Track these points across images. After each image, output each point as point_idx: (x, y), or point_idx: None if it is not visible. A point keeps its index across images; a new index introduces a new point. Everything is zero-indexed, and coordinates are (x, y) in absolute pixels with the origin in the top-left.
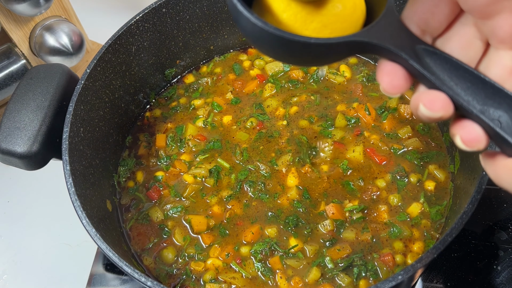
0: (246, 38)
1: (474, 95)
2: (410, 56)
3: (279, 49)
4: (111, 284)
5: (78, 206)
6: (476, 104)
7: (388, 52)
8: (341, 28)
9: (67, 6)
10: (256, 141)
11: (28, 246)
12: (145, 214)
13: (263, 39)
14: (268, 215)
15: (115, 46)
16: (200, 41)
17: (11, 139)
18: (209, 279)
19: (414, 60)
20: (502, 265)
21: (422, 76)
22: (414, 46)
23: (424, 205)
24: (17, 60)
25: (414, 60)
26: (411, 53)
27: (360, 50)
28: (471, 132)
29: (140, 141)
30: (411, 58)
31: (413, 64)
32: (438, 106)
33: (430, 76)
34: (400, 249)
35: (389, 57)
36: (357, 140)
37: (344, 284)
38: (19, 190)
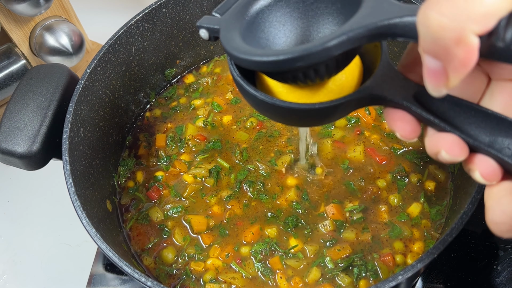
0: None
1: (480, 128)
2: (412, 103)
3: (288, 117)
4: (111, 284)
5: (78, 206)
6: (484, 137)
7: (390, 102)
8: (344, 91)
9: (67, 6)
10: (256, 140)
11: (28, 246)
12: (145, 214)
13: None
14: (267, 216)
15: (115, 46)
16: (200, 41)
17: (11, 139)
18: (209, 279)
19: (416, 106)
20: (502, 265)
21: (427, 120)
22: (414, 92)
23: (424, 205)
24: (17, 60)
25: (416, 106)
26: (412, 100)
27: (363, 104)
28: (488, 166)
29: (140, 141)
30: (413, 104)
31: (416, 110)
32: (458, 151)
33: (434, 119)
34: (400, 249)
35: (393, 105)
36: (357, 140)
37: (344, 284)
38: (19, 190)
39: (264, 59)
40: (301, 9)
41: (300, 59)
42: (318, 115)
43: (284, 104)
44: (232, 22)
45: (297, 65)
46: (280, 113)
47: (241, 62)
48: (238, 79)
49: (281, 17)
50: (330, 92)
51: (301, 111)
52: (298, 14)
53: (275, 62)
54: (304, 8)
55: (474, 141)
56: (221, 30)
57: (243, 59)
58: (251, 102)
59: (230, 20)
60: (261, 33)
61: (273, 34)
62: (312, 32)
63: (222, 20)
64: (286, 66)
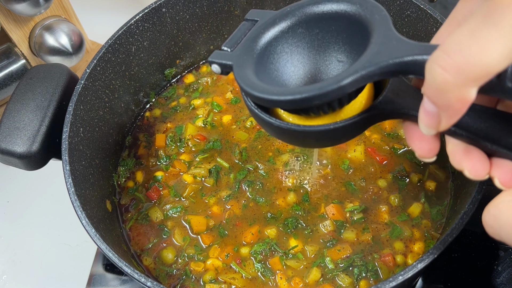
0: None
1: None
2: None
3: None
4: (111, 284)
5: (78, 206)
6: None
7: (404, 114)
8: (356, 110)
9: (67, 6)
10: (255, 140)
11: (28, 246)
12: (144, 214)
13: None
14: (267, 216)
15: (115, 46)
16: (200, 41)
17: (10, 139)
18: (209, 279)
19: None
20: (502, 265)
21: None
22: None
23: (424, 205)
24: (17, 60)
25: None
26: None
27: (378, 119)
28: (508, 171)
29: (139, 141)
30: None
31: None
32: (480, 169)
33: (454, 129)
34: (400, 249)
35: (407, 118)
36: (358, 140)
37: (345, 284)
38: (19, 190)
39: (281, 98)
40: (308, 40)
41: (316, 98)
42: (333, 136)
43: (299, 128)
44: (243, 57)
45: (313, 103)
46: (296, 137)
47: (257, 100)
48: (253, 109)
49: (289, 48)
50: (342, 113)
51: (316, 133)
52: (305, 44)
53: (291, 101)
54: (311, 38)
55: (492, 145)
56: (235, 67)
57: (260, 98)
58: (267, 128)
59: (241, 55)
60: (271, 64)
61: (282, 65)
62: (321, 62)
63: (234, 56)
64: (302, 104)
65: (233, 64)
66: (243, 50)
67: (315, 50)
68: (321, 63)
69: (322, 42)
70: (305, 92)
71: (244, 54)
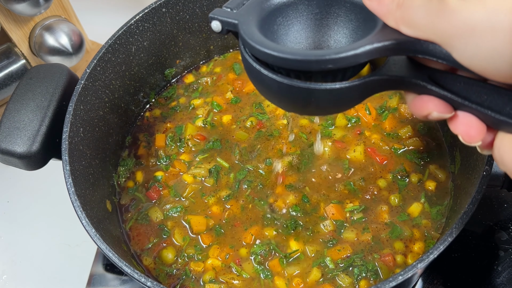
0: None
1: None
2: (427, 82)
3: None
4: (111, 284)
5: (78, 206)
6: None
7: (407, 82)
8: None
9: (67, 6)
10: (255, 140)
11: (28, 246)
12: (144, 214)
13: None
14: (267, 217)
15: (115, 46)
16: (200, 41)
17: (10, 139)
18: (208, 279)
19: (431, 85)
20: (502, 265)
21: (444, 97)
22: (428, 73)
23: (425, 205)
24: (17, 60)
25: (431, 85)
26: (427, 79)
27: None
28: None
29: (139, 141)
30: (428, 83)
31: (432, 88)
32: (474, 134)
33: (451, 96)
34: (400, 249)
35: (410, 86)
36: (357, 140)
37: (345, 284)
38: (19, 190)
39: (295, 57)
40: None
41: (331, 61)
42: (336, 98)
43: (304, 85)
44: (249, 18)
45: (326, 67)
46: (297, 97)
47: (267, 57)
48: (256, 66)
49: (292, 20)
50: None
51: (321, 92)
52: (306, 20)
53: (305, 61)
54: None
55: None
56: (241, 25)
57: (271, 55)
58: (267, 87)
59: (246, 16)
60: (275, 31)
61: (286, 32)
62: (324, 36)
63: (238, 15)
64: (314, 66)
65: (238, 22)
66: (247, 12)
67: (315, 27)
68: (321, 41)
69: (322, 21)
70: (320, 55)
71: (248, 15)
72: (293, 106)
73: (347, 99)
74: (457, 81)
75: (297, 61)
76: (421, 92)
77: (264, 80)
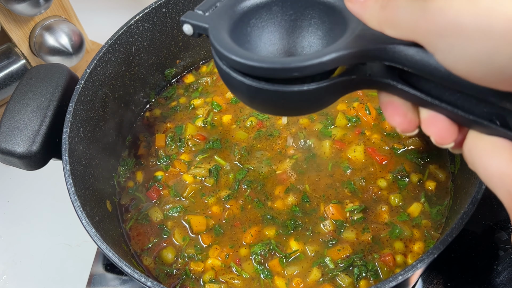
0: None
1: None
2: (398, 81)
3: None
4: (111, 284)
5: (78, 206)
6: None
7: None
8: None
9: (67, 6)
10: (255, 139)
11: (28, 246)
12: (144, 214)
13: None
14: (266, 217)
15: (115, 46)
16: (200, 41)
17: (11, 139)
18: (208, 279)
19: (402, 84)
20: (502, 265)
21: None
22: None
23: (424, 205)
24: (17, 60)
25: (402, 84)
26: (397, 78)
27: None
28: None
29: (139, 141)
30: (399, 82)
31: (403, 87)
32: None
33: (421, 95)
34: (400, 249)
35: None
36: (358, 140)
37: (345, 284)
38: (19, 190)
39: (261, 65)
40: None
41: (296, 69)
42: (307, 99)
43: (272, 88)
44: (219, 22)
45: (292, 74)
46: (268, 99)
47: (235, 64)
48: (227, 70)
49: (263, 23)
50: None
51: (289, 94)
52: (279, 23)
53: (271, 69)
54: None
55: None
56: (210, 29)
57: (239, 62)
58: (239, 90)
59: (217, 20)
60: (245, 35)
61: (256, 37)
62: (295, 42)
63: (209, 19)
64: (280, 74)
65: (209, 26)
66: (218, 15)
67: (289, 29)
68: (295, 43)
69: (296, 23)
70: (286, 63)
71: (219, 19)
72: (263, 108)
73: (318, 100)
74: (427, 80)
75: (264, 68)
76: (391, 92)
77: (234, 83)
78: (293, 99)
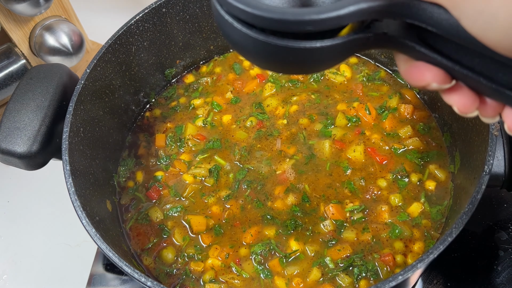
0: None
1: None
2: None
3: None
4: (111, 284)
5: (78, 206)
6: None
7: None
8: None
9: (67, 6)
10: (255, 139)
11: (28, 246)
12: (144, 214)
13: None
14: (266, 217)
15: (115, 46)
16: (200, 41)
17: (11, 139)
18: (208, 279)
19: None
20: (502, 265)
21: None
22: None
23: (424, 205)
24: (17, 60)
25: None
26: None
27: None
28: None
29: (140, 141)
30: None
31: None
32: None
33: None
34: (400, 249)
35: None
36: (358, 140)
37: (345, 284)
38: (19, 190)
39: (271, 15)
40: None
41: (311, 23)
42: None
43: (281, 43)
44: None
45: (306, 28)
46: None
47: (240, 13)
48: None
49: None
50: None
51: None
52: None
53: (282, 21)
54: None
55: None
56: None
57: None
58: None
59: None
60: None
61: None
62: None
63: None
64: (293, 27)
65: None
66: None
67: None
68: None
69: None
70: (299, 14)
71: None
72: (269, 64)
73: (329, 58)
74: (448, 42)
75: (273, 20)
76: (408, 53)
77: (237, 35)
78: (303, 56)
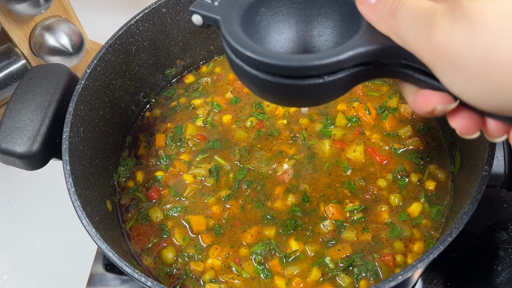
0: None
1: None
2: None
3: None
4: (111, 284)
5: (78, 206)
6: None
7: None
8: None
9: (67, 6)
10: (255, 139)
11: (28, 246)
12: (145, 214)
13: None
14: (266, 217)
15: (115, 46)
16: (200, 41)
17: (11, 139)
18: (208, 279)
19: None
20: (502, 265)
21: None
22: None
23: (424, 205)
24: (17, 60)
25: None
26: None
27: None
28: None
29: (140, 141)
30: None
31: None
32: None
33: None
34: (400, 249)
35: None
36: (358, 140)
37: (345, 284)
38: (19, 190)
39: (278, 62)
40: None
41: (313, 68)
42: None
43: (287, 82)
44: (230, 13)
45: (309, 73)
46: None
47: (251, 61)
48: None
49: (274, 12)
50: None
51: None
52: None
53: (288, 67)
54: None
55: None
56: (222, 22)
57: (255, 59)
58: (251, 83)
59: (228, 11)
60: (256, 26)
61: (267, 28)
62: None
63: (220, 10)
64: (296, 71)
65: (220, 18)
66: (228, 5)
67: (299, 18)
68: (305, 31)
69: (305, 12)
70: (303, 61)
71: (230, 9)
72: (278, 100)
73: (334, 91)
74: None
75: (280, 67)
76: (409, 81)
77: (247, 76)
78: (309, 91)
